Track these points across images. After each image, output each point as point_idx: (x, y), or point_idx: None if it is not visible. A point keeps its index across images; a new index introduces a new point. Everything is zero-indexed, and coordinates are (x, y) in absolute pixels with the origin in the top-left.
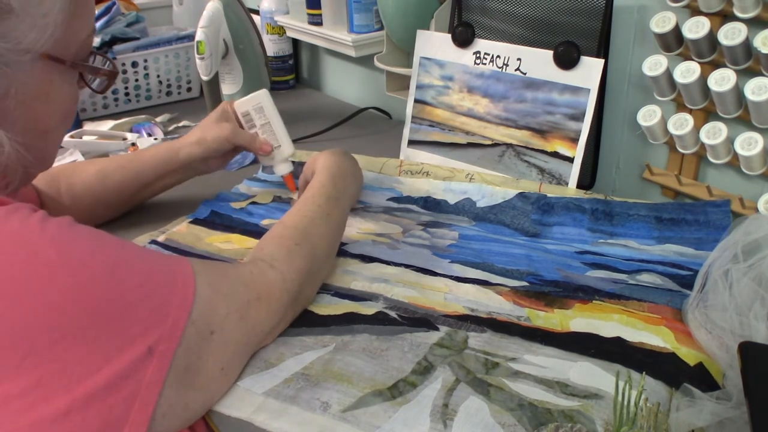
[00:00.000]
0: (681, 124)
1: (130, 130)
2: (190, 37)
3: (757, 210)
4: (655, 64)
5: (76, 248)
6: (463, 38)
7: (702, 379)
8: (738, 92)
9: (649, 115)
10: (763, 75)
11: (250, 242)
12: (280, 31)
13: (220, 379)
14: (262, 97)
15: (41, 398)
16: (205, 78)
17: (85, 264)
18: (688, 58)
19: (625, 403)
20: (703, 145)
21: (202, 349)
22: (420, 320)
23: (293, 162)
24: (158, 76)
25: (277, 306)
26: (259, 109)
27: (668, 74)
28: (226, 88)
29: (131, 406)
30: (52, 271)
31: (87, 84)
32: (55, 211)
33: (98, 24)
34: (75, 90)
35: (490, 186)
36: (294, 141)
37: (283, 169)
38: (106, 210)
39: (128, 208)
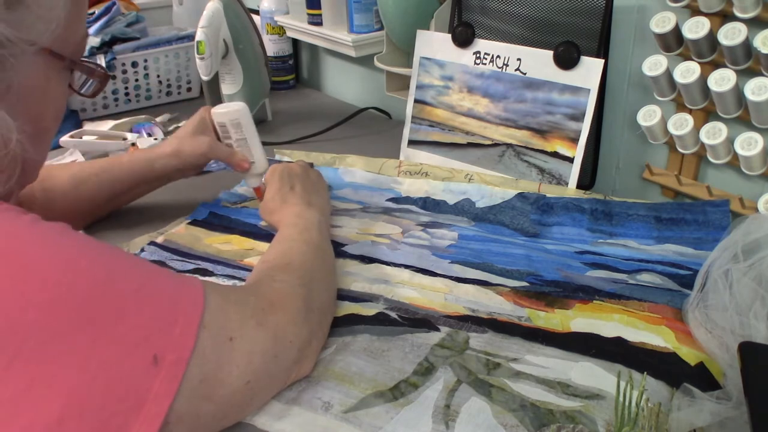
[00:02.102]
0: (681, 124)
1: (131, 130)
2: (190, 37)
3: (757, 210)
4: (655, 64)
5: (66, 249)
6: (463, 38)
7: (702, 378)
8: (738, 92)
9: (649, 115)
10: (763, 75)
11: (249, 243)
12: (280, 31)
13: (244, 393)
14: (240, 112)
15: (32, 404)
16: (205, 78)
17: (75, 264)
18: (688, 58)
19: (627, 403)
20: (703, 145)
21: (221, 358)
22: (421, 321)
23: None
24: (158, 76)
25: (294, 312)
26: (236, 124)
27: (668, 74)
28: (226, 88)
29: (135, 416)
30: (40, 270)
31: (75, 90)
32: None
33: (98, 24)
34: (66, 91)
35: (489, 186)
36: (294, 141)
37: (253, 182)
38: (79, 217)
39: (101, 215)
